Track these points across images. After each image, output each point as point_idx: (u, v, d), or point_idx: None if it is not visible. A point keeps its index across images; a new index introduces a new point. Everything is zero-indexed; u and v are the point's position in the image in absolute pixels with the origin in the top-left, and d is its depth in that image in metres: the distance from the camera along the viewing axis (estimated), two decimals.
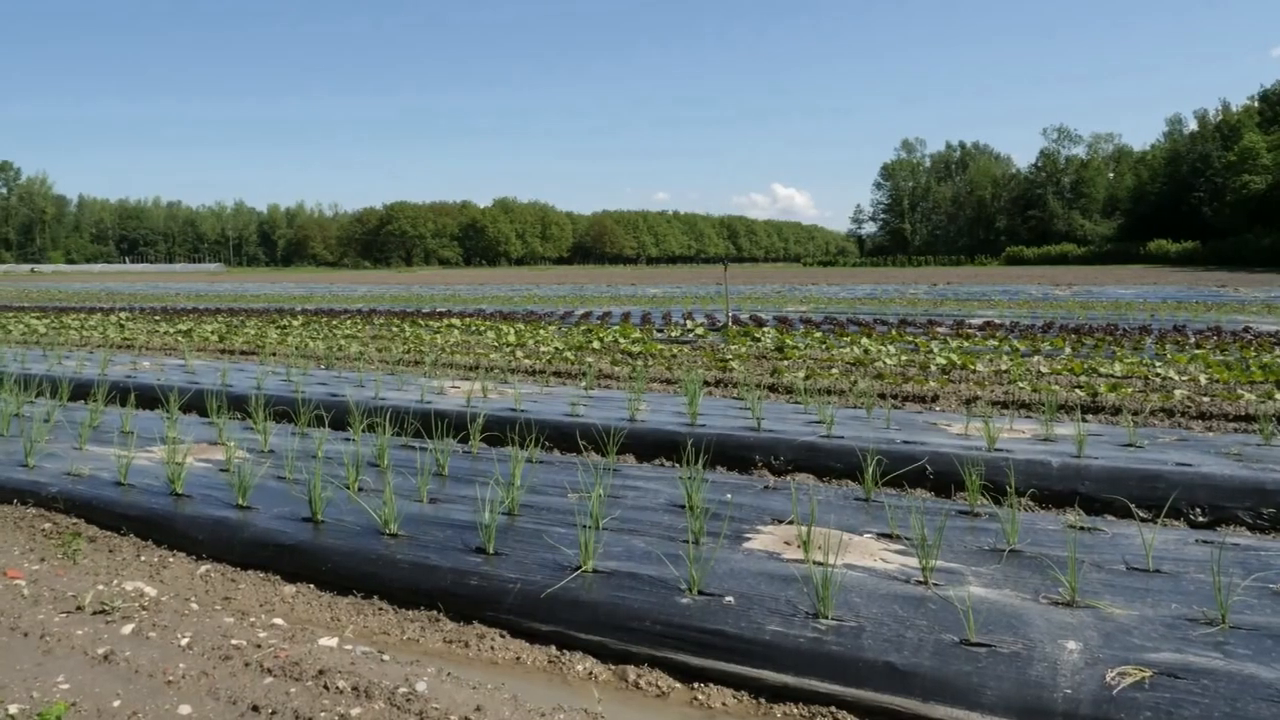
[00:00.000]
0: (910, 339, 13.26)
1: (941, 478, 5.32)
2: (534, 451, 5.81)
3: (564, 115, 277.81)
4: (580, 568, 3.69)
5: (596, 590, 3.57)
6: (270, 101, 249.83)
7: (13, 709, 2.59)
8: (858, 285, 40.53)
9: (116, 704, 2.67)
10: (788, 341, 12.66)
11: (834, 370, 9.94)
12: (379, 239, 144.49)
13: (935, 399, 8.29)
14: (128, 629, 3.22)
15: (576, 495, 4.85)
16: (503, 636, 3.53)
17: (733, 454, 6.00)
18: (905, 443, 5.79)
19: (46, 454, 6.00)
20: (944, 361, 10.30)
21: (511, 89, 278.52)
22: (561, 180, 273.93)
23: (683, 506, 4.58)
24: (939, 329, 15.41)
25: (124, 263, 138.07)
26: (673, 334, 14.93)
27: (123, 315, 22.13)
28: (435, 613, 3.75)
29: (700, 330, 15.36)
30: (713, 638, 3.18)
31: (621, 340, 13.57)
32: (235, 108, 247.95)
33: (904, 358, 10.79)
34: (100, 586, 3.65)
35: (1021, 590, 3.41)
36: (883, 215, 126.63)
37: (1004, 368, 9.88)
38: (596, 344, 13.07)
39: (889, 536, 4.10)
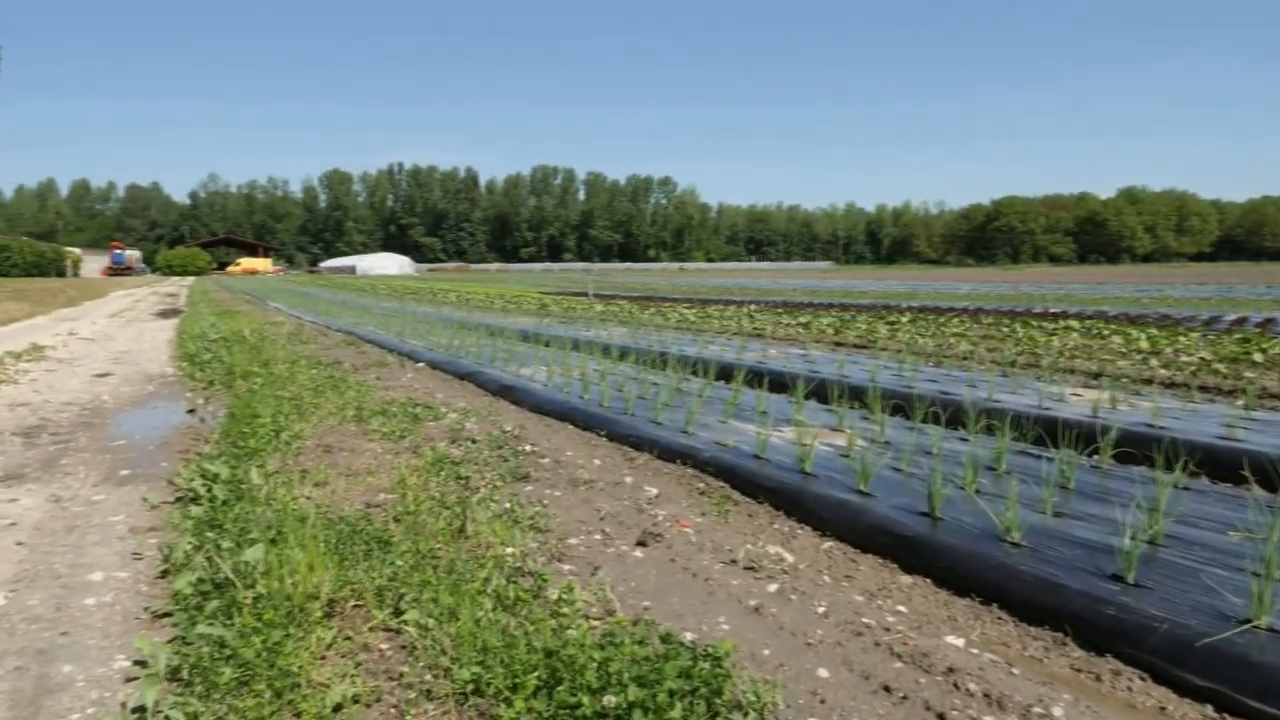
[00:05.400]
0: None
1: None
2: (1178, 476, 5.08)
3: (1209, 92, 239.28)
4: (1250, 621, 3.11)
5: (1274, 653, 2.97)
6: (881, 104, 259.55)
7: (688, 637, 3.07)
8: None
9: (766, 653, 3.00)
10: None
11: None
12: (984, 236, 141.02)
13: None
14: (772, 588, 3.60)
15: (1239, 534, 4.12)
16: (1143, 679, 3.14)
17: None
18: None
19: (700, 424, 7.00)
20: None
21: (1134, 67, 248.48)
22: (1206, 161, 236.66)
23: None
24: None
25: (750, 261, 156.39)
26: None
27: (751, 308, 24.97)
28: (1061, 635, 3.49)
29: None
30: None
31: None
32: (850, 111, 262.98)
33: None
34: (748, 546, 4.14)
35: None
36: None
37: None
38: (1258, 356, 10.97)
39: None
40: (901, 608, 3.62)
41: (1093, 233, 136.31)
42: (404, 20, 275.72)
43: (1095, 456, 5.68)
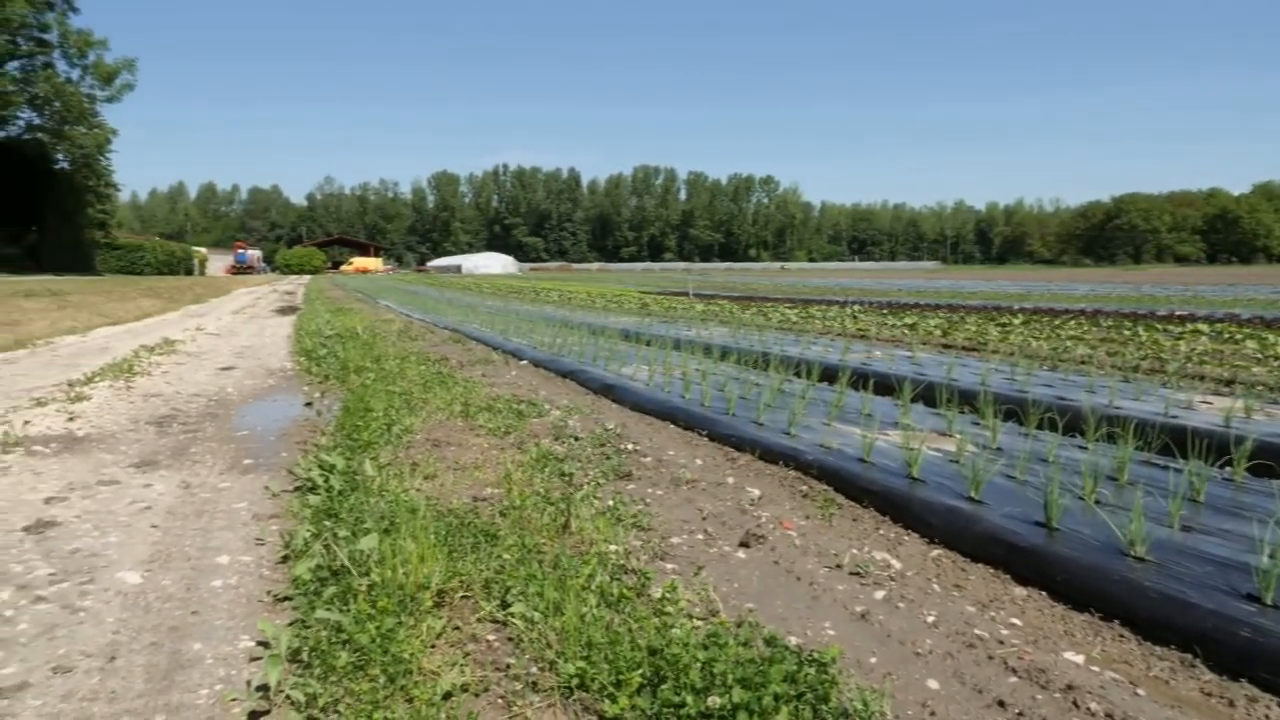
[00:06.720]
0: None
1: None
2: None
3: None
4: None
5: None
6: (992, 100, 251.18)
7: (792, 640, 3.03)
8: None
9: (873, 660, 2.93)
10: None
11: None
12: (1103, 234, 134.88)
13: None
14: (879, 594, 3.52)
15: None
16: None
17: None
18: None
19: (803, 426, 6.90)
20: None
21: (1269, 58, 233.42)
22: None
23: None
24: None
25: (853, 261, 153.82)
26: None
27: (855, 308, 24.49)
28: (1189, 656, 3.30)
29: None
30: None
31: None
32: (958, 109, 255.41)
33: None
34: (854, 551, 4.06)
35: None
36: None
37: None
38: None
39: None
40: (1015, 620, 3.48)
41: (1224, 231, 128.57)
42: (511, 21, 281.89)
43: (1228, 468, 5.36)
